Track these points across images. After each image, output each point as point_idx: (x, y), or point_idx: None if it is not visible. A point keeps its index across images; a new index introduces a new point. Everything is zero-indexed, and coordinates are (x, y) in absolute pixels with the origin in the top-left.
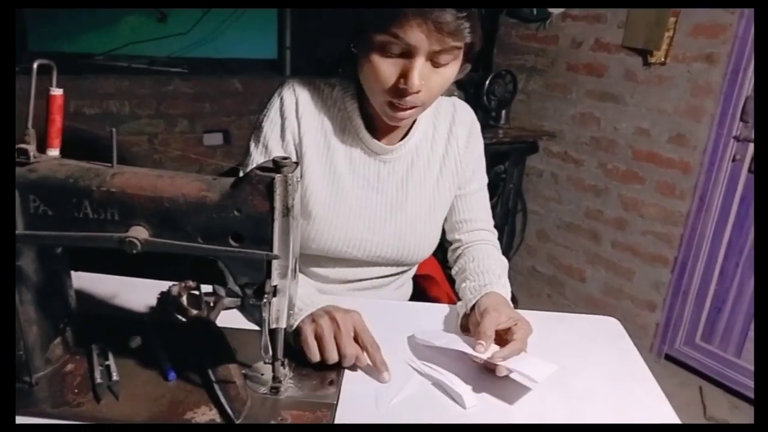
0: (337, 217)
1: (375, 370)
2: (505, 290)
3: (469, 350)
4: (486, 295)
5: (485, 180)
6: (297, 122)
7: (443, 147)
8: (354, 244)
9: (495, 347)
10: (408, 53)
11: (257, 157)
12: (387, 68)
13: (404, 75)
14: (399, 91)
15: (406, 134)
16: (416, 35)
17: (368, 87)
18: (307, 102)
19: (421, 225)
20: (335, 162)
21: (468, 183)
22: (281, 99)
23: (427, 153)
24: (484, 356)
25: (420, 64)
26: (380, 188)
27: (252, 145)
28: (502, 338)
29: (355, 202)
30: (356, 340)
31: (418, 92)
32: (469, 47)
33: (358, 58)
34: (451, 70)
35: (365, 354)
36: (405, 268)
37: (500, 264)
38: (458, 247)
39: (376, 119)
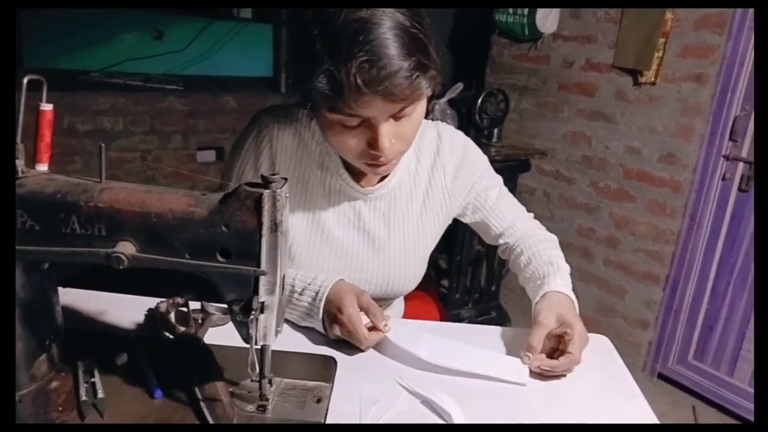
0: (317, 257)
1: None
2: (564, 281)
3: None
4: (543, 298)
5: (499, 180)
6: (271, 161)
7: (426, 180)
8: None
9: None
10: (367, 121)
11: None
12: (351, 141)
13: (371, 142)
14: (372, 155)
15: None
16: (371, 109)
17: (338, 152)
18: (283, 139)
19: (405, 261)
20: (314, 200)
21: (486, 199)
22: (255, 137)
23: (410, 188)
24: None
25: (384, 130)
26: (361, 226)
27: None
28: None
29: (336, 241)
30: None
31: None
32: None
33: (318, 118)
34: (419, 113)
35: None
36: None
37: (552, 246)
38: (506, 249)
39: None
